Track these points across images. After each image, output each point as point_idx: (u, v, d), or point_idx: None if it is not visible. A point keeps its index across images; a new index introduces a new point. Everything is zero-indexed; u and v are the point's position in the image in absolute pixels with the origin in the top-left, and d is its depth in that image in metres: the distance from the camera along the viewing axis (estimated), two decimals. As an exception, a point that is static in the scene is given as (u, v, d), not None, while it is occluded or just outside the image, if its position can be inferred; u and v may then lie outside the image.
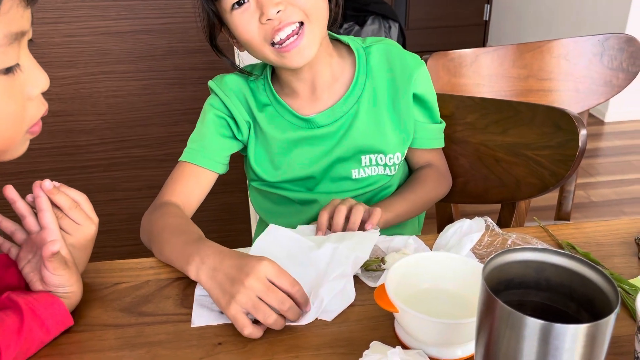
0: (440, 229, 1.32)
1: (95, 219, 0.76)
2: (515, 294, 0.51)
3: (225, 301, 0.68)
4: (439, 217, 1.32)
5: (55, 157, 1.67)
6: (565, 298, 0.50)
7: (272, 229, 0.82)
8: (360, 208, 0.85)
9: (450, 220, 1.28)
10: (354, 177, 1.00)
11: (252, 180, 1.05)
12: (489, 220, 0.87)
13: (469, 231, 0.84)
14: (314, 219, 1.02)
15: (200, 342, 0.69)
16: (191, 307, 0.74)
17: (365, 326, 0.71)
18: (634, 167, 2.79)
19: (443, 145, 1.08)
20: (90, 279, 0.81)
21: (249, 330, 0.67)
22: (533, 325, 0.43)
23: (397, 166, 1.01)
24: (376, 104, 0.98)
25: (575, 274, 0.48)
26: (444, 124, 1.07)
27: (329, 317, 0.72)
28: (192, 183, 0.95)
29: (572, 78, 1.46)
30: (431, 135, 1.05)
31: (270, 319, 0.67)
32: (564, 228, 0.90)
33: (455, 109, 1.12)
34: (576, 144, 0.96)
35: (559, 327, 0.42)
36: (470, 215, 0.88)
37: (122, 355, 0.68)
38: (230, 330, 0.71)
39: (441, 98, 1.13)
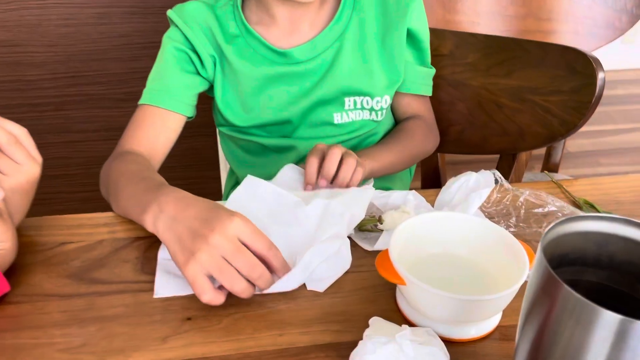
0: (425, 181, 1.22)
1: (39, 158, 0.63)
2: (567, 272, 0.40)
3: (184, 259, 0.55)
4: (424, 168, 1.21)
5: (2, 93, 1.51)
6: (632, 279, 0.40)
7: (250, 181, 0.70)
8: (353, 161, 0.73)
9: (436, 172, 1.18)
10: (336, 121, 0.88)
11: (220, 124, 0.92)
12: (497, 173, 0.77)
13: (475, 186, 0.74)
14: None
15: (166, 317, 0.57)
16: (154, 274, 0.62)
17: (361, 297, 0.60)
18: (610, 118, 2.75)
19: (431, 94, 0.96)
20: (30, 237, 0.68)
21: (209, 297, 0.55)
22: (609, 320, 0.33)
23: (384, 111, 0.89)
24: (363, 40, 0.86)
25: (652, 250, 0.38)
26: (433, 70, 0.95)
27: (321, 287, 0.61)
28: (156, 129, 0.82)
29: (573, 19, 1.35)
30: (420, 79, 0.93)
31: (238, 286, 0.55)
32: (577, 184, 0.80)
33: (455, 48, 1.00)
34: (593, 89, 0.86)
35: (645, 324, 0.32)
36: (459, 166, 0.78)
37: (68, 333, 0.56)
38: (202, 302, 0.59)
39: (440, 34, 1.00)
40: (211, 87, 0.87)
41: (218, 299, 0.56)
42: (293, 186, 0.73)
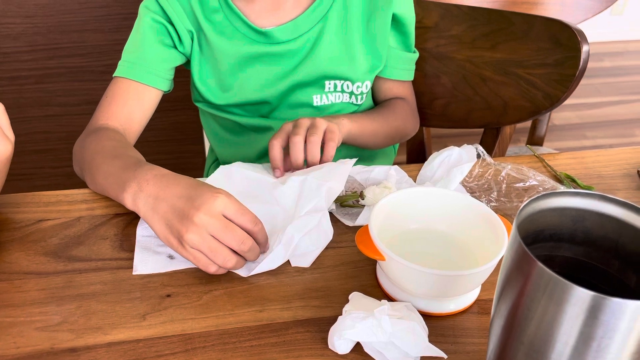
0: (410, 155, 1.21)
1: (12, 136, 0.61)
2: (542, 247, 0.40)
3: (176, 242, 0.56)
4: (409, 144, 1.21)
5: (-23, 66, 1.47)
6: (607, 254, 0.40)
7: (224, 169, 0.69)
8: (317, 140, 0.69)
9: (422, 146, 1.18)
10: (315, 103, 0.86)
11: (197, 101, 0.89)
12: (480, 148, 0.76)
13: (458, 161, 0.74)
14: None
15: (145, 294, 0.57)
16: (132, 251, 0.62)
17: (342, 273, 0.60)
18: (596, 90, 2.75)
19: (412, 78, 0.94)
20: (7, 214, 0.67)
21: (215, 268, 0.57)
22: (581, 297, 0.33)
23: (364, 96, 0.87)
24: (347, 23, 0.83)
25: (627, 226, 0.38)
26: (417, 55, 0.93)
27: (306, 262, 0.61)
28: (131, 103, 0.79)
29: (560, -11, 1.35)
30: (403, 64, 0.90)
31: (230, 263, 0.56)
32: (560, 158, 0.80)
33: (440, 19, 0.98)
34: (577, 62, 0.85)
35: (616, 302, 0.32)
36: (443, 140, 0.77)
37: (46, 311, 0.55)
38: (182, 279, 0.59)
39: (424, 5, 0.98)
40: (188, 62, 0.85)
41: (223, 269, 0.57)
42: (270, 172, 0.71)
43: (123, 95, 0.79)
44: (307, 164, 0.70)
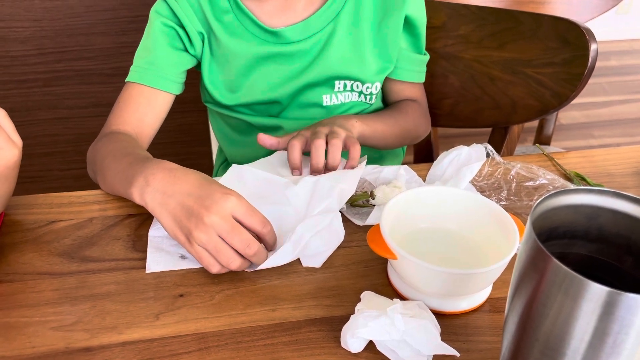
0: (417, 155, 1.21)
1: (19, 141, 0.60)
2: (556, 245, 0.41)
3: (184, 238, 0.57)
4: (416, 144, 1.21)
5: (-14, 70, 1.48)
6: (620, 251, 0.40)
7: (235, 169, 0.69)
8: (339, 143, 0.70)
9: (429, 145, 1.18)
10: (324, 103, 0.86)
11: (207, 101, 0.90)
12: (489, 147, 0.76)
13: (467, 160, 0.74)
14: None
15: (158, 294, 0.57)
16: (145, 251, 0.62)
17: (353, 272, 0.61)
18: (603, 89, 2.74)
19: (424, 80, 0.94)
20: (20, 215, 0.68)
21: (218, 268, 0.57)
22: (597, 292, 0.33)
23: (374, 97, 0.87)
24: (358, 24, 0.83)
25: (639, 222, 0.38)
26: (427, 57, 0.92)
27: (316, 262, 0.61)
28: (143, 108, 0.79)
29: (566, -11, 1.34)
30: (413, 66, 0.90)
31: (234, 264, 0.56)
32: (568, 156, 0.80)
33: (448, 19, 0.98)
34: (585, 60, 0.85)
35: (632, 297, 0.32)
36: (450, 140, 0.77)
37: (60, 311, 0.56)
38: (194, 279, 0.59)
39: (432, 5, 0.98)
40: (199, 64, 0.85)
41: (226, 269, 0.57)
42: (281, 170, 0.72)
43: (135, 100, 0.79)
44: (325, 168, 0.70)
